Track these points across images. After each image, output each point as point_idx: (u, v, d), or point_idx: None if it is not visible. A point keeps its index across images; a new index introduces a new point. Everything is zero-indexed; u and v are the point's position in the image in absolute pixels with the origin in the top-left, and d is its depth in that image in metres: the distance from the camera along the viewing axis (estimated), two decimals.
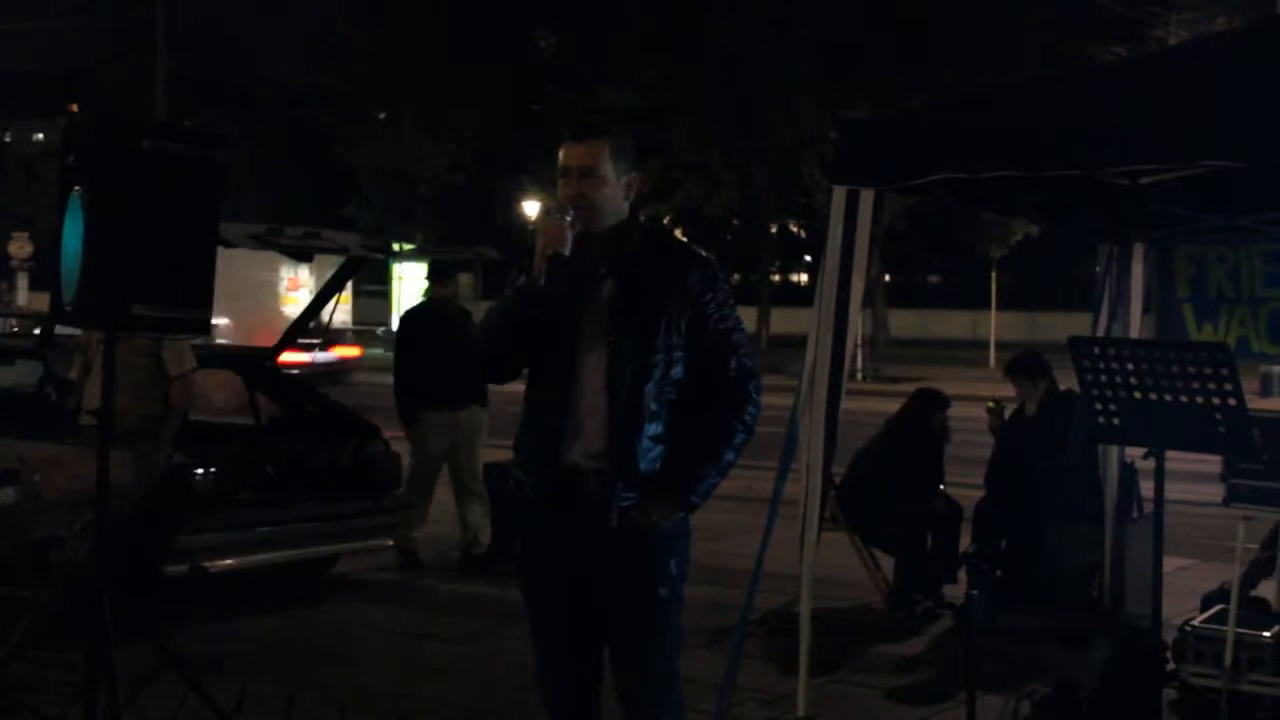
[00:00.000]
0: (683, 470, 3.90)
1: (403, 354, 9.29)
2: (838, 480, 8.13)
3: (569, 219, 3.85)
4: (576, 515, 3.88)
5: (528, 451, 3.97)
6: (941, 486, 8.66)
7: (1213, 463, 6.94)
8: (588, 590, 3.92)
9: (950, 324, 47.37)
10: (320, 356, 21.40)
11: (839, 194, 5.97)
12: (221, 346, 9.03)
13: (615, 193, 3.94)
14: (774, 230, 48.33)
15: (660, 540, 3.90)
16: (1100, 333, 7.66)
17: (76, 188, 5.13)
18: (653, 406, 3.86)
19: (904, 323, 43.70)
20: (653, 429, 3.86)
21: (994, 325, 33.39)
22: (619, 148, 3.96)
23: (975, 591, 5.08)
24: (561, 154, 3.95)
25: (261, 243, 8.30)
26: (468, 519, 9.24)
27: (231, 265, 6.88)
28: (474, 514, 9.23)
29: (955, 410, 8.90)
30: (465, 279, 9.30)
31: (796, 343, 10.43)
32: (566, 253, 3.81)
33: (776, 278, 55.58)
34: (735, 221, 51.37)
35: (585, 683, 4.02)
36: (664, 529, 3.89)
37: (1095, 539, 7.78)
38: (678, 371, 3.90)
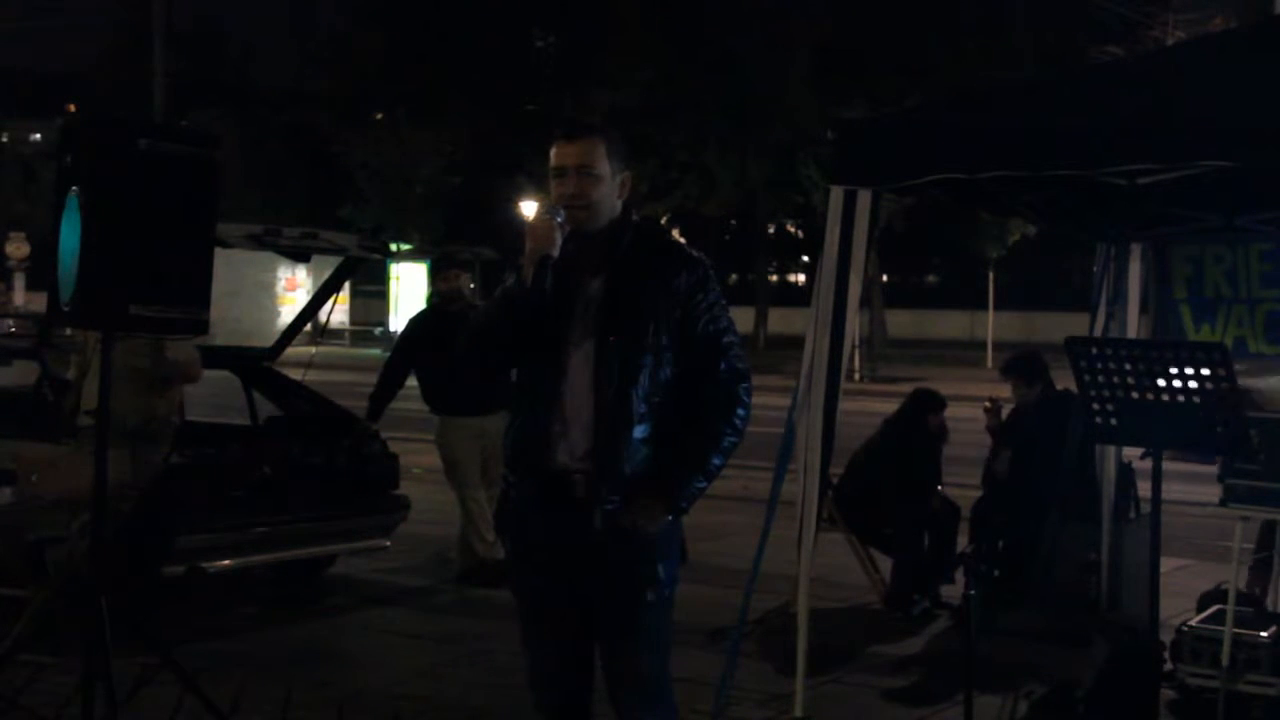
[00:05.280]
0: (670, 473, 3.86)
1: (400, 359, 9.13)
2: (835, 481, 8.14)
3: (559, 219, 3.83)
4: (563, 516, 3.86)
5: (516, 452, 3.95)
6: (939, 487, 8.66)
7: (1209, 463, 6.94)
8: (577, 591, 3.91)
9: (948, 324, 47.43)
10: None
11: (836, 194, 5.97)
12: (217, 346, 8.97)
13: (610, 191, 3.92)
14: (771, 230, 48.40)
15: (648, 544, 3.87)
16: (1098, 333, 7.66)
17: (74, 188, 5.13)
18: (640, 408, 3.83)
19: (901, 323, 43.75)
20: (640, 431, 3.83)
21: (991, 325, 33.41)
22: (613, 147, 3.94)
23: (973, 591, 5.08)
24: (554, 153, 3.93)
25: (259, 243, 8.30)
26: (475, 547, 8.84)
27: (229, 265, 6.88)
28: (488, 546, 8.69)
29: (953, 410, 8.91)
30: (465, 280, 9.22)
31: (794, 343, 10.43)
32: (555, 254, 3.79)
33: (774, 278, 55.69)
34: (732, 221, 51.49)
35: (577, 684, 4.00)
36: (651, 532, 3.86)
37: (1093, 539, 7.79)
38: (666, 373, 3.87)
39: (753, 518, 7.11)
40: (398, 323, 33.57)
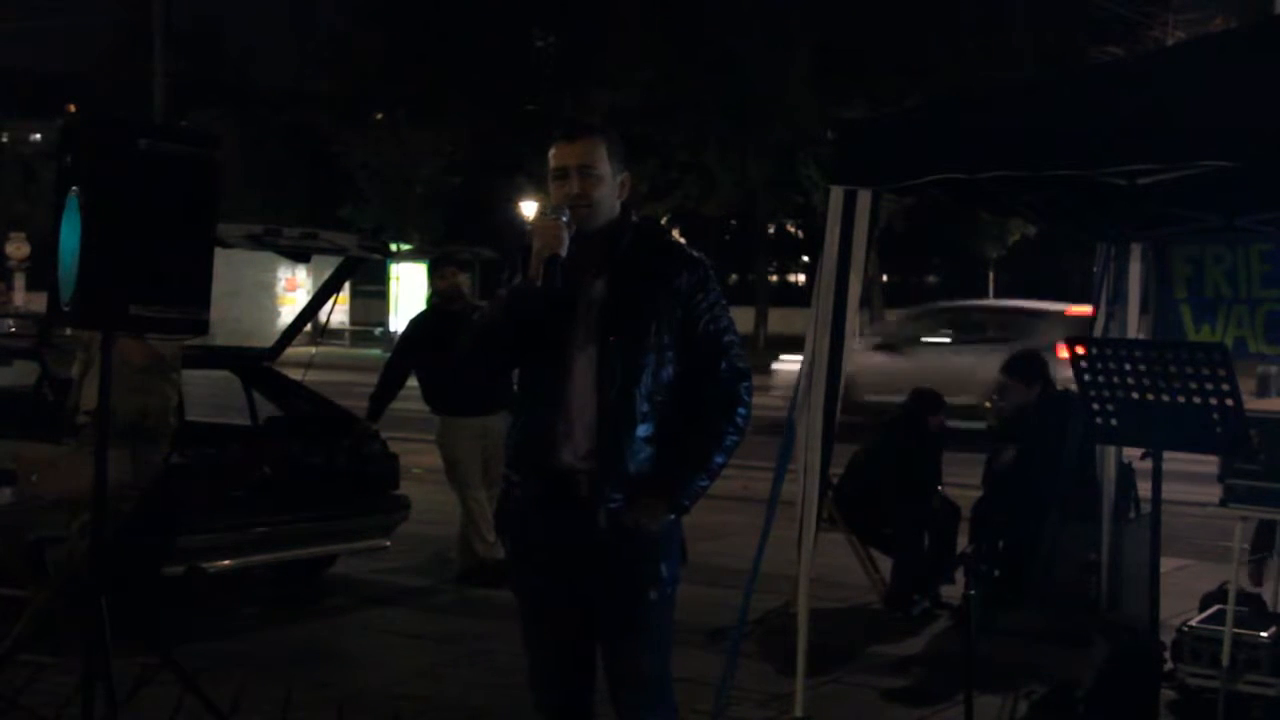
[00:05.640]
0: (672, 472, 3.87)
1: (401, 359, 9.14)
2: (835, 481, 8.13)
3: (565, 219, 3.84)
4: (566, 516, 3.86)
5: (518, 451, 3.95)
6: (939, 487, 8.66)
7: (1210, 463, 6.94)
8: (579, 591, 3.91)
9: None
10: None
11: (836, 194, 5.97)
12: (217, 346, 8.97)
13: (611, 191, 3.93)
14: (771, 230, 48.41)
15: (650, 542, 3.88)
16: (1098, 333, 7.66)
17: (74, 188, 5.14)
18: (643, 407, 3.84)
19: None
20: (643, 430, 3.84)
21: None
22: (613, 147, 3.95)
23: (973, 591, 5.08)
24: (555, 154, 3.93)
25: (259, 243, 8.30)
26: (475, 547, 8.84)
27: (229, 265, 6.88)
28: (488, 546, 8.64)
29: None
30: (464, 279, 9.25)
31: (794, 343, 10.44)
32: (564, 254, 3.80)
33: (774, 278, 55.71)
34: (732, 221, 51.49)
35: (578, 684, 4.01)
36: (654, 531, 3.87)
37: (1093, 539, 7.78)
38: (668, 372, 3.88)
39: (753, 518, 7.11)
40: (398, 323, 33.55)
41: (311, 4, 47.03)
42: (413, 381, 9.11)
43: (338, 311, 28.74)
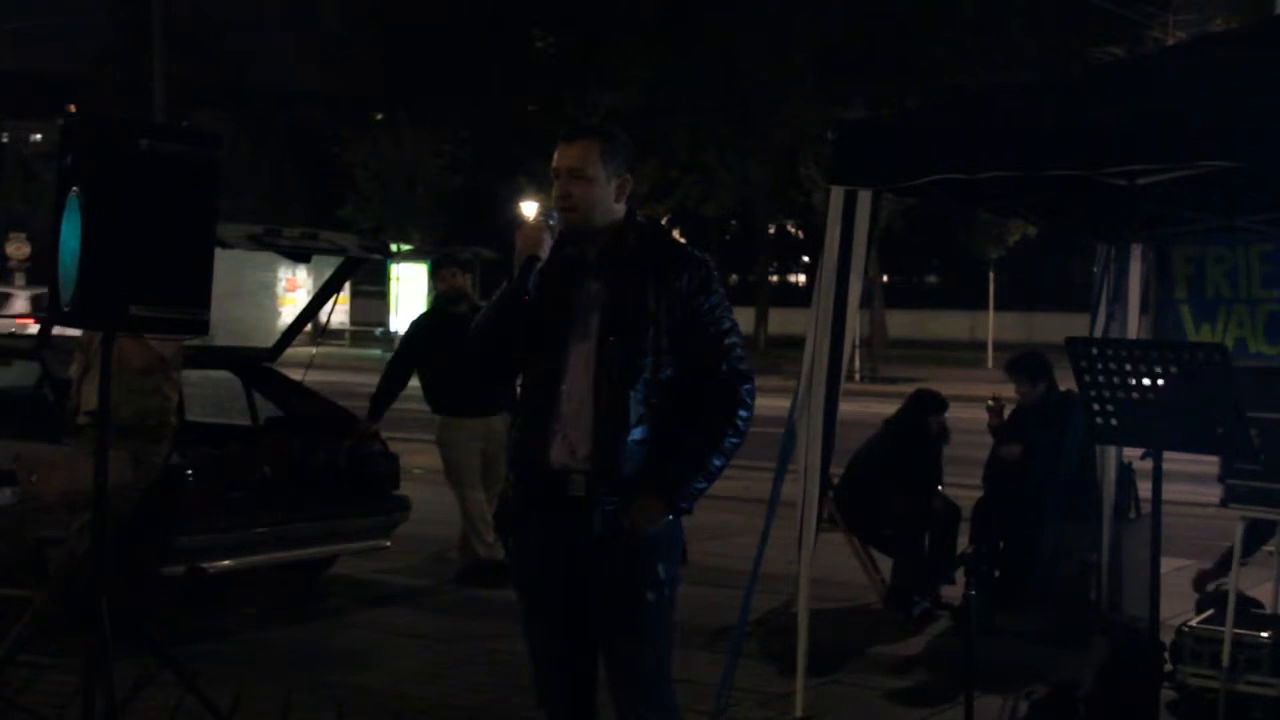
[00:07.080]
0: (670, 474, 3.87)
1: (403, 360, 9.14)
2: (835, 481, 8.13)
3: (551, 222, 3.86)
4: (562, 517, 3.87)
5: (516, 452, 3.97)
6: (939, 487, 8.66)
7: (1210, 463, 6.94)
8: (579, 591, 3.92)
9: (948, 325, 47.44)
10: None
11: (836, 194, 5.98)
12: (217, 346, 8.97)
13: (605, 194, 3.93)
14: (772, 231, 48.36)
15: (647, 543, 3.88)
16: (1098, 333, 7.66)
17: (74, 188, 5.14)
18: (639, 409, 3.84)
19: (902, 323, 43.72)
20: (639, 432, 3.84)
21: (991, 326, 33.44)
22: (610, 150, 3.95)
23: (973, 592, 5.08)
24: (555, 155, 3.96)
25: (259, 243, 8.30)
26: (475, 547, 8.88)
27: (229, 266, 6.88)
28: (488, 546, 8.72)
29: (953, 411, 8.90)
30: (465, 279, 9.32)
31: (794, 343, 10.44)
32: (544, 255, 3.82)
33: (774, 278, 55.73)
34: (733, 222, 51.47)
35: (580, 683, 4.01)
36: (651, 532, 3.87)
37: (1093, 539, 7.78)
38: (667, 374, 3.88)
39: (753, 518, 7.13)
40: (398, 323, 33.54)
41: (311, 4, 46.97)
42: (414, 381, 9.12)
43: (338, 312, 28.76)
